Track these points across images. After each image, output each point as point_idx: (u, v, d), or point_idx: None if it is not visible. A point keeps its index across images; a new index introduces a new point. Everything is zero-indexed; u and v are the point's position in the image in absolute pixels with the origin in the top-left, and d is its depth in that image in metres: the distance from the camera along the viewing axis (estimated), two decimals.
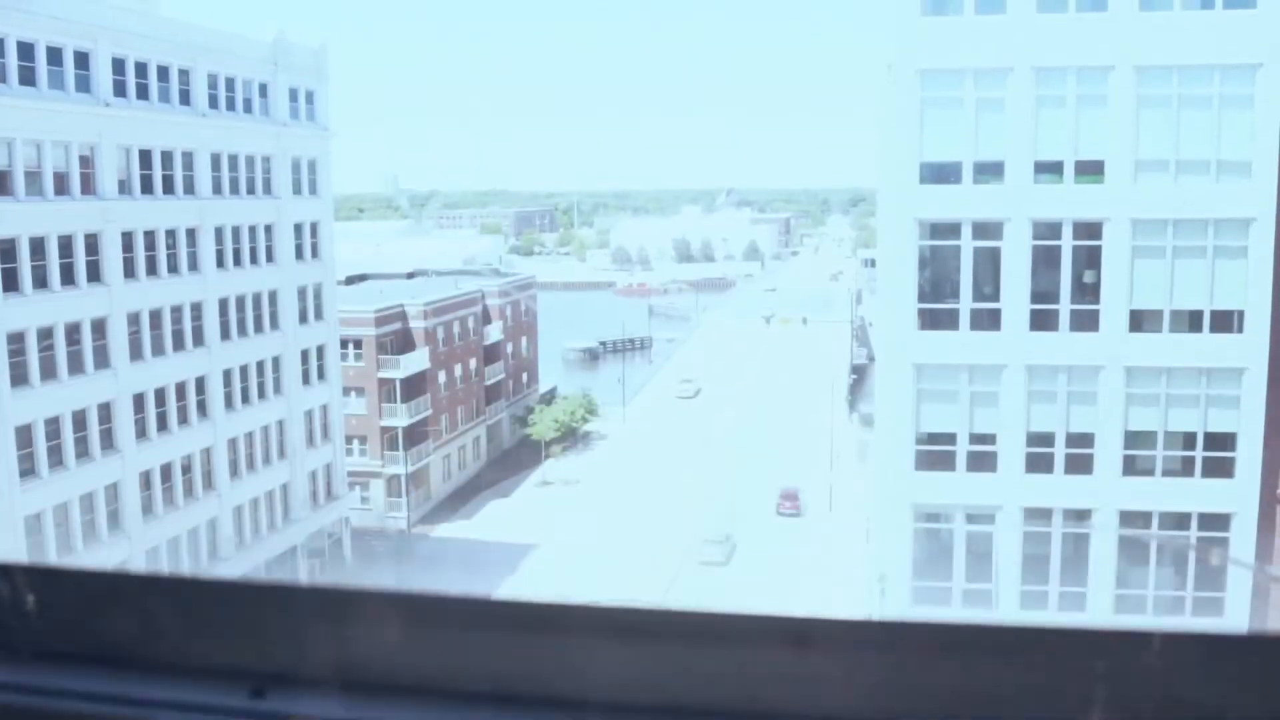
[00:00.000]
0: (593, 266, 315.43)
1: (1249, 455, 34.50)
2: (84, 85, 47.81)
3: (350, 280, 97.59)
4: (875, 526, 43.87)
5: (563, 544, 75.95)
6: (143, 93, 51.22)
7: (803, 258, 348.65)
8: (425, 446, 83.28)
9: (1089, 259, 34.41)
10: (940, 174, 34.54)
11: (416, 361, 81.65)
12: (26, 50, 45.01)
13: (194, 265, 54.75)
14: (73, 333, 47.43)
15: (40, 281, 45.64)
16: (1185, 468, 35.00)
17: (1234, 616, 35.44)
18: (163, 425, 52.84)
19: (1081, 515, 35.61)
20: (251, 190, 59.36)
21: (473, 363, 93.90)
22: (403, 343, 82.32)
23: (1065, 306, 34.56)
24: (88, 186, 48.11)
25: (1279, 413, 34.41)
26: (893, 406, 36.20)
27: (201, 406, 55.53)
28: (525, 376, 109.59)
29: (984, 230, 34.50)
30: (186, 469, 54.61)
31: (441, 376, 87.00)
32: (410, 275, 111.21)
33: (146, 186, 51.55)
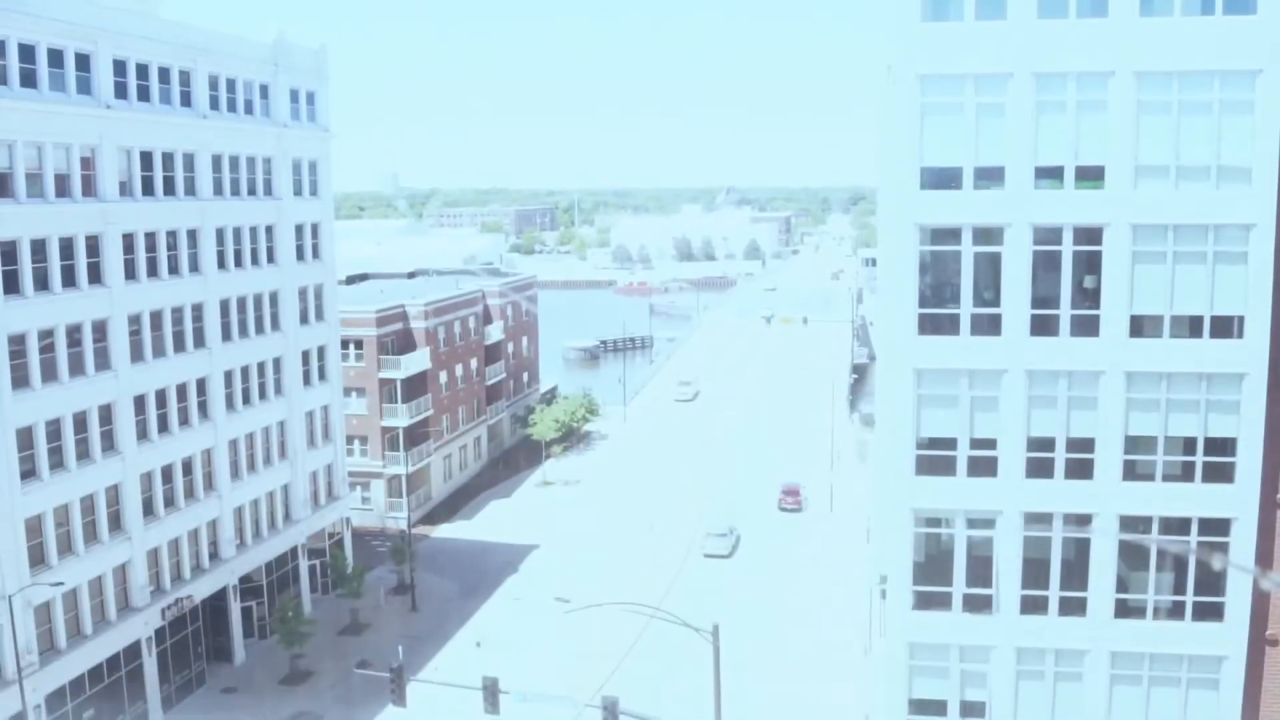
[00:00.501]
0: (593, 265, 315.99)
1: (1249, 460, 34.52)
2: (85, 87, 47.81)
3: (351, 280, 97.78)
4: (876, 530, 43.92)
5: (565, 543, 76.06)
6: (144, 94, 51.23)
7: (803, 256, 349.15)
8: (426, 446, 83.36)
9: (1089, 264, 34.41)
10: (941, 179, 34.54)
11: (417, 362, 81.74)
12: (28, 52, 45.00)
13: (195, 266, 54.77)
14: (74, 334, 47.46)
15: (41, 283, 45.65)
16: (1185, 473, 35.01)
17: (1233, 622, 35.48)
18: (164, 426, 52.88)
19: (1082, 520, 35.63)
20: (252, 191, 59.39)
21: (473, 362, 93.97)
22: (404, 343, 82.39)
23: (1066, 311, 34.57)
24: (89, 188, 48.13)
25: (1278, 418, 34.43)
26: (894, 411, 36.21)
27: (203, 408, 55.58)
28: (526, 376, 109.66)
29: (985, 235, 34.52)
30: (188, 470, 54.65)
31: (442, 376, 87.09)
32: (411, 275, 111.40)
33: (148, 188, 51.57)
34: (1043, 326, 34.77)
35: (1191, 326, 34.38)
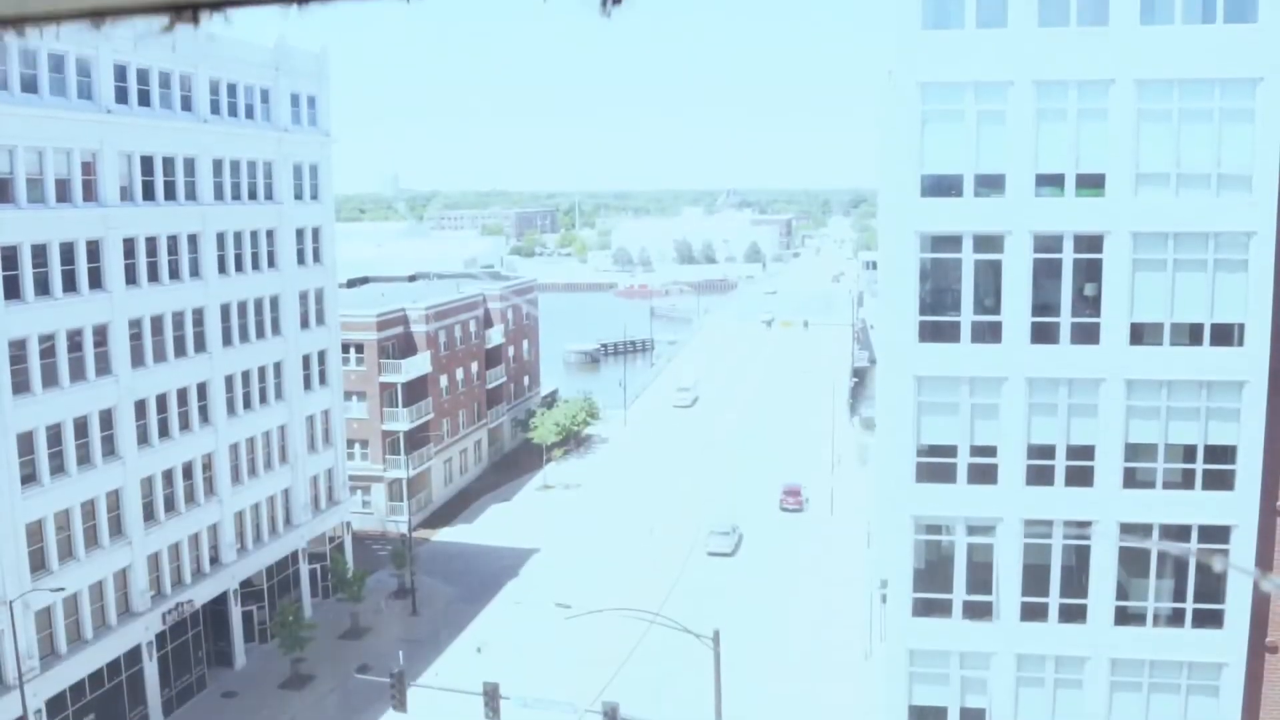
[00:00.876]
0: (594, 268, 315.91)
1: (1249, 467, 34.56)
2: (86, 92, 47.89)
3: (352, 283, 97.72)
4: (876, 536, 43.93)
5: (565, 547, 76.02)
6: (144, 99, 51.30)
7: (804, 259, 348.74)
8: (426, 450, 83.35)
9: (1090, 272, 34.46)
10: (941, 186, 34.60)
11: (418, 366, 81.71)
12: (29, 58, 45.08)
13: (196, 271, 54.81)
14: (74, 339, 47.49)
15: (42, 288, 45.70)
16: (1185, 480, 35.06)
17: (1233, 628, 35.49)
18: (164, 431, 52.91)
19: (1082, 528, 35.64)
20: (253, 196, 59.43)
21: (474, 366, 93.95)
22: (404, 347, 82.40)
23: (1066, 319, 34.61)
24: (90, 193, 48.18)
25: (1278, 425, 34.45)
26: (894, 418, 36.24)
27: (203, 412, 55.61)
28: (526, 380, 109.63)
29: (985, 243, 34.56)
30: (188, 474, 54.68)
31: (443, 380, 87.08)
32: (412, 278, 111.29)
33: (148, 193, 51.63)
34: (1043, 334, 34.81)
35: (1192, 334, 34.42)
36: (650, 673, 55.64)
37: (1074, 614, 36.17)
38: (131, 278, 50.46)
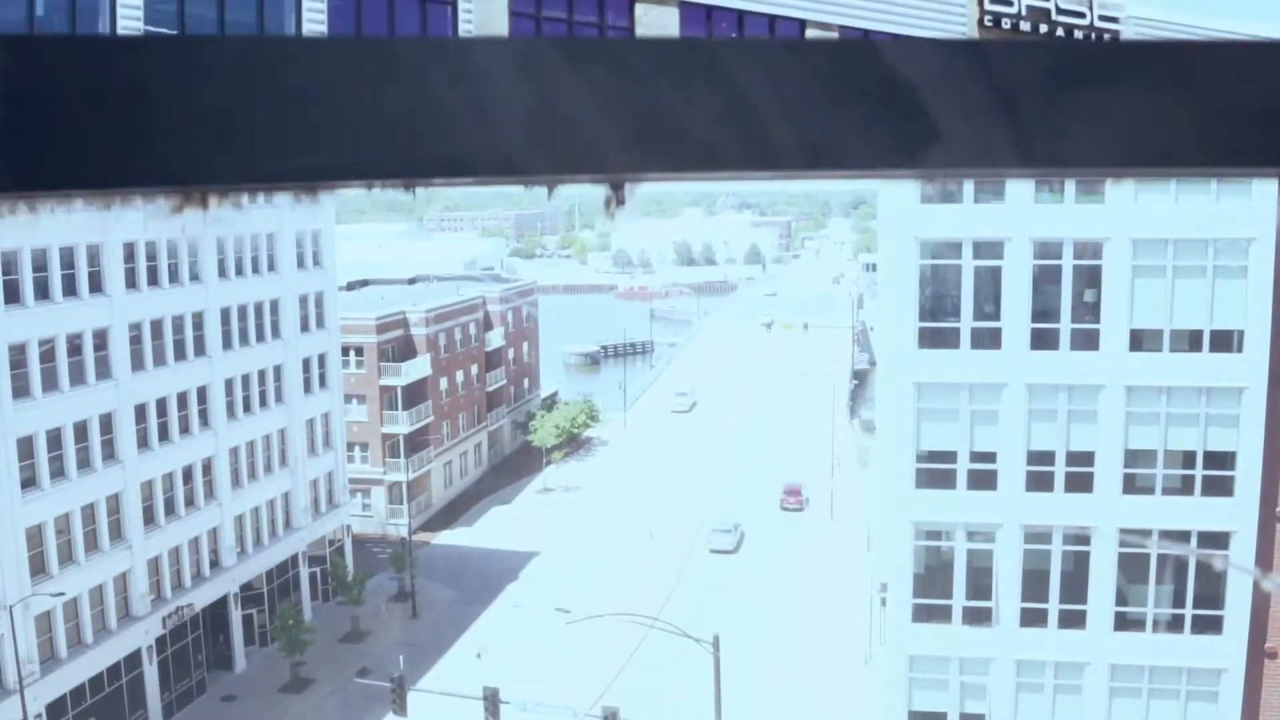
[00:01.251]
0: (594, 269, 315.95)
1: (1248, 473, 34.58)
2: None
3: (351, 285, 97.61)
4: (876, 541, 43.97)
5: (566, 549, 76.03)
6: None
7: (804, 260, 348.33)
8: (426, 453, 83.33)
9: (1089, 278, 34.49)
10: (941, 192, 34.59)
11: (418, 368, 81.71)
12: None
13: (195, 275, 54.84)
14: (74, 343, 47.52)
15: (42, 292, 45.75)
16: (1185, 486, 35.08)
17: (1232, 634, 35.52)
18: (164, 435, 52.94)
19: (1081, 534, 35.69)
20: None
21: (474, 369, 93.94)
22: (404, 349, 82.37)
23: (1066, 325, 34.64)
24: None
25: (1278, 431, 34.49)
26: (894, 424, 36.27)
27: (203, 416, 55.64)
28: (526, 382, 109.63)
29: (985, 249, 34.59)
30: (188, 478, 54.70)
31: (443, 383, 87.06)
32: (411, 280, 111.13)
33: None
34: (1043, 340, 34.83)
35: (1191, 340, 34.45)
36: (651, 675, 55.66)
37: (1073, 620, 36.18)
38: (131, 282, 50.50)
